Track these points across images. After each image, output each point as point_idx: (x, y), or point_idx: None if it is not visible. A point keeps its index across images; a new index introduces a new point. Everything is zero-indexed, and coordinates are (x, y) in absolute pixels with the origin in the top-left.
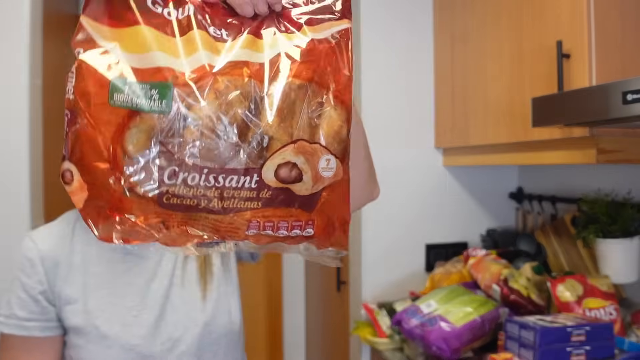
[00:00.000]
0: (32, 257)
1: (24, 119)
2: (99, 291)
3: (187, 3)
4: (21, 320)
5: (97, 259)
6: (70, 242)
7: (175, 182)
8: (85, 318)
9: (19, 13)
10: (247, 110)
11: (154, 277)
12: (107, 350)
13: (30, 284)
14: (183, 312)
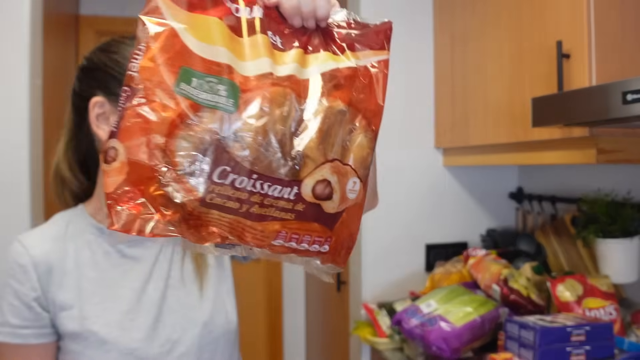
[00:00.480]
0: (24, 263)
1: (24, 119)
2: (95, 297)
3: (255, 3)
4: (15, 328)
5: (91, 263)
6: (64, 245)
7: (224, 182)
8: (82, 324)
9: (19, 13)
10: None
11: (149, 279)
12: (105, 355)
13: (23, 290)
14: (181, 314)
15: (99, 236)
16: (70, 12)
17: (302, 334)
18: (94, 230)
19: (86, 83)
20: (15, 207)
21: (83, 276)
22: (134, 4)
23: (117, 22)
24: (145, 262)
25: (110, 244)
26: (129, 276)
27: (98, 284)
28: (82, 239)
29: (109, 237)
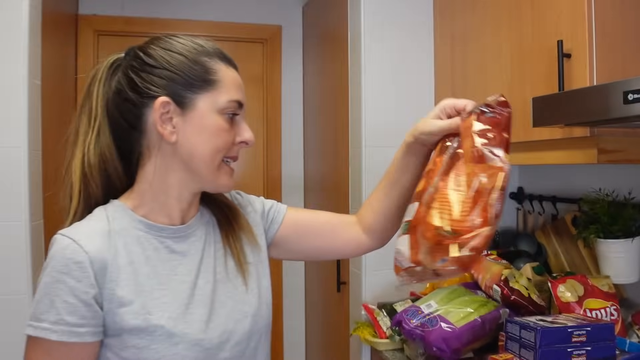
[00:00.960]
0: (81, 260)
1: (23, 119)
2: (154, 292)
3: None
4: (72, 326)
5: (142, 259)
6: (112, 241)
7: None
8: (146, 319)
9: (18, 12)
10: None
11: (198, 273)
12: (173, 348)
13: (81, 288)
14: (231, 306)
15: (147, 232)
16: (69, 12)
17: (302, 334)
18: (142, 226)
19: (146, 79)
20: (15, 207)
21: (138, 272)
22: (133, 4)
23: (116, 22)
24: (191, 257)
25: (159, 240)
26: (179, 270)
27: (153, 278)
28: (130, 234)
29: (158, 232)
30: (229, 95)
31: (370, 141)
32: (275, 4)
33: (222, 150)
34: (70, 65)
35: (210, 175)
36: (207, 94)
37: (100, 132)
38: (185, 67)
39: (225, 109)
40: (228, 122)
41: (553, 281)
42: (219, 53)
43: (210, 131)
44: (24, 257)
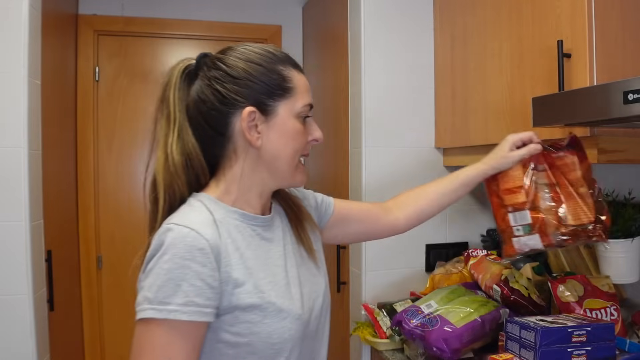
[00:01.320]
0: (203, 247)
1: (23, 119)
2: (260, 272)
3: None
4: (200, 307)
5: (244, 244)
6: (218, 230)
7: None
8: (261, 297)
9: (18, 12)
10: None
11: (286, 258)
12: (282, 322)
13: (206, 272)
14: (310, 285)
15: (242, 221)
16: (69, 12)
17: None
18: (237, 215)
19: (232, 90)
20: (14, 208)
21: (244, 256)
22: (132, 4)
23: (116, 22)
24: (277, 243)
25: (251, 228)
26: (272, 255)
27: (257, 262)
28: (229, 223)
29: (251, 221)
30: (303, 100)
31: (370, 141)
32: (275, 4)
33: (300, 151)
34: (70, 65)
35: (290, 174)
36: (285, 100)
37: (183, 133)
38: (265, 77)
39: (300, 113)
40: (302, 124)
41: (553, 281)
42: (290, 60)
43: (291, 135)
44: (24, 257)
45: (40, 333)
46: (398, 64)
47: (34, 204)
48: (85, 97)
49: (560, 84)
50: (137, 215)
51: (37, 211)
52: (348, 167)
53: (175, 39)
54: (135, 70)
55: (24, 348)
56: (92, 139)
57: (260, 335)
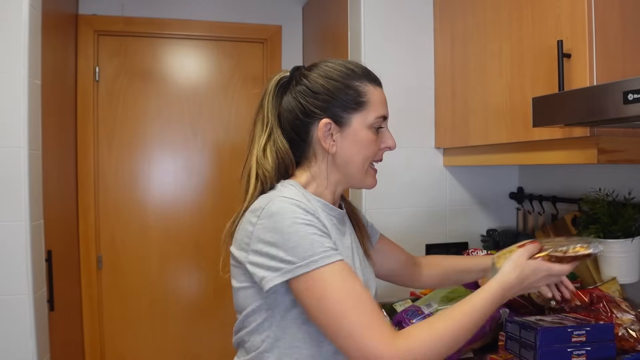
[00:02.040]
0: (312, 211)
1: (23, 119)
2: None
3: None
4: (335, 250)
5: (330, 226)
6: (312, 207)
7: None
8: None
9: (18, 12)
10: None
11: (353, 250)
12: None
13: (319, 226)
14: (368, 280)
15: (323, 209)
16: (69, 12)
17: None
18: (320, 204)
19: (312, 104)
20: (14, 208)
21: (331, 234)
22: (132, 4)
23: (116, 22)
24: (348, 236)
25: (329, 217)
26: (344, 243)
27: (339, 245)
28: (315, 206)
29: (330, 211)
30: (376, 113)
31: None
32: (275, 4)
33: (370, 157)
34: (70, 65)
35: (359, 177)
36: (359, 113)
37: (274, 134)
38: (341, 92)
39: (373, 124)
40: (375, 134)
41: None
42: (367, 75)
43: (363, 144)
44: (24, 257)
45: (40, 333)
46: (398, 64)
47: (34, 204)
48: (85, 97)
49: (560, 84)
50: (137, 215)
51: (37, 211)
52: None
53: (175, 39)
54: (135, 70)
55: (24, 348)
56: (92, 139)
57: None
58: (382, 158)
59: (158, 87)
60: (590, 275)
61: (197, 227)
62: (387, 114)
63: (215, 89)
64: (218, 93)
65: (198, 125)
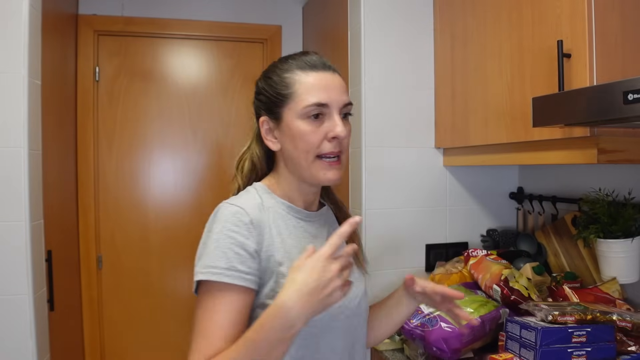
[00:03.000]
0: (247, 221)
1: (23, 119)
2: (296, 258)
3: None
4: (241, 273)
5: (287, 232)
6: (265, 214)
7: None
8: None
9: (18, 12)
10: None
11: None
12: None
13: (248, 243)
14: (356, 280)
15: (288, 212)
16: (69, 12)
17: None
18: (284, 207)
19: (256, 105)
20: (14, 208)
21: (285, 241)
22: (133, 4)
23: (116, 22)
24: (320, 240)
25: (296, 220)
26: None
27: (296, 249)
28: (275, 211)
29: (296, 213)
30: (304, 102)
31: (370, 141)
32: (275, 4)
33: (311, 150)
34: (70, 65)
35: (308, 172)
36: (287, 105)
37: (252, 139)
38: (270, 87)
39: (305, 114)
40: (313, 124)
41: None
42: (299, 62)
43: (297, 136)
44: (24, 257)
45: (40, 333)
46: (398, 64)
47: (34, 204)
48: (85, 97)
49: (560, 84)
50: (137, 215)
51: (37, 211)
52: (348, 167)
53: (175, 39)
54: (135, 70)
55: (24, 348)
56: (92, 139)
57: None
58: (336, 150)
59: (158, 87)
60: (590, 275)
61: (197, 227)
62: (323, 100)
63: (215, 89)
64: (218, 93)
65: (198, 125)
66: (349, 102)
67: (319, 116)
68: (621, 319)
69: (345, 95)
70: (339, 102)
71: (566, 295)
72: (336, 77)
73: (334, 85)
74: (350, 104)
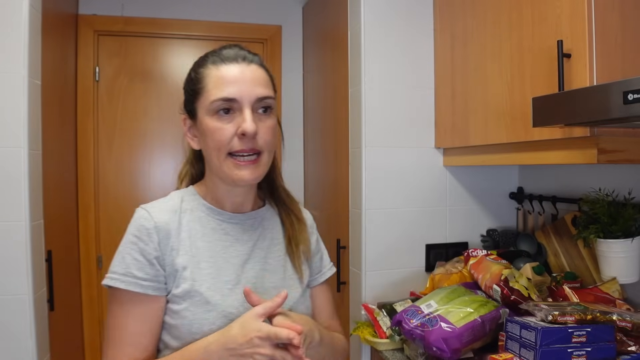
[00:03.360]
0: (149, 227)
1: (23, 119)
2: (202, 263)
3: None
4: (138, 279)
5: (200, 235)
6: (179, 217)
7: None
8: (192, 284)
9: (18, 12)
10: None
11: (248, 260)
12: (206, 314)
13: (147, 249)
14: (273, 295)
15: (208, 214)
16: (69, 12)
17: None
18: (205, 209)
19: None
20: (14, 208)
21: (194, 245)
22: (133, 4)
23: (116, 22)
24: (244, 243)
25: (217, 222)
26: (230, 252)
27: (206, 253)
28: (194, 214)
29: (217, 215)
30: (211, 96)
31: (370, 141)
32: (275, 4)
33: (222, 147)
34: (70, 65)
35: (220, 171)
36: (199, 101)
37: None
38: (187, 84)
39: (213, 110)
40: (222, 120)
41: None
42: (211, 56)
43: (207, 133)
44: (24, 257)
45: (40, 333)
46: (398, 64)
47: (34, 204)
48: (85, 97)
49: (560, 84)
50: None
51: (37, 211)
52: (348, 167)
53: (175, 39)
54: (135, 70)
55: (24, 348)
56: (92, 139)
57: (184, 322)
58: (248, 148)
59: (158, 87)
60: (590, 275)
61: None
62: (231, 95)
63: None
64: None
65: None
66: (266, 96)
67: (229, 112)
68: (621, 319)
69: (260, 88)
70: (250, 95)
71: (566, 295)
72: (253, 69)
73: (246, 78)
74: (268, 97)
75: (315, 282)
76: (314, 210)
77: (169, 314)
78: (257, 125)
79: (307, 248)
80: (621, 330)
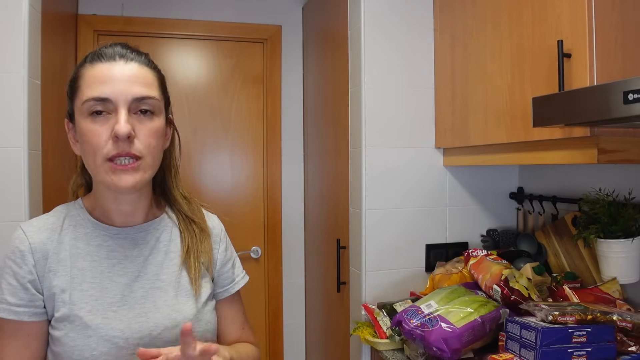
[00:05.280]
0: (23, 249)
1: (23, 119)
2: (84, 284)
3: None
4: (11, 306)
5: (83, 254)
6: (59, 235)
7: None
8: (70, 308)
9: (18, 13)
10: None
11: (137, 277)
12: (86, 340)
13: (21, 273)
14: (166, 313)
15: (93, 230)
16: (69, 12)
17: (302, 334)
18: (90, 224)
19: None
20: (14, 208)
21: (75, 265)
22: (132, 4)
23: (116, 22)
24: (134, 260)
25: (103, 239)
26: (117, 270)
27: (88, 272)
28: (78, 231)
29: (103, 231)
30: (83, 96)
31: (370, 141)
32: (275, 4)
33: (97, 151)
34: (70, 65)
35: (97, 176)
36: (74, 102)
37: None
38: (68, 84)
39: (85, 111)
40: (96, 122)
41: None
42: (93, 56)
43: (82, 137)
44: None
45: None
46: (398, 64)
47: (34, 204)
48: None
49: (560, 84)
50: None
51: (37, 211)
52: (348, 167)
53: (175, 39)
54: None
55: None
56: None
57: (65, 348)
58: (128, 151)
59: None
60: (590, 275)
61: None
62: (103, 94)
63: (215, 89)
64: (218, 93)
65: (198, 125)
66: (146, 96)
67: (103, 113)
68: (621, 319)
69: (138, 87)
70: (126, 95)
71: (566, 296)
72: (132, 67)
73: (123, 76)
74: (148, 97)
75: (227, 292)
76: (313, 211)
77: (51, 340)
78: (136, 127)
79: (208, 259)
80: (621, 330)
